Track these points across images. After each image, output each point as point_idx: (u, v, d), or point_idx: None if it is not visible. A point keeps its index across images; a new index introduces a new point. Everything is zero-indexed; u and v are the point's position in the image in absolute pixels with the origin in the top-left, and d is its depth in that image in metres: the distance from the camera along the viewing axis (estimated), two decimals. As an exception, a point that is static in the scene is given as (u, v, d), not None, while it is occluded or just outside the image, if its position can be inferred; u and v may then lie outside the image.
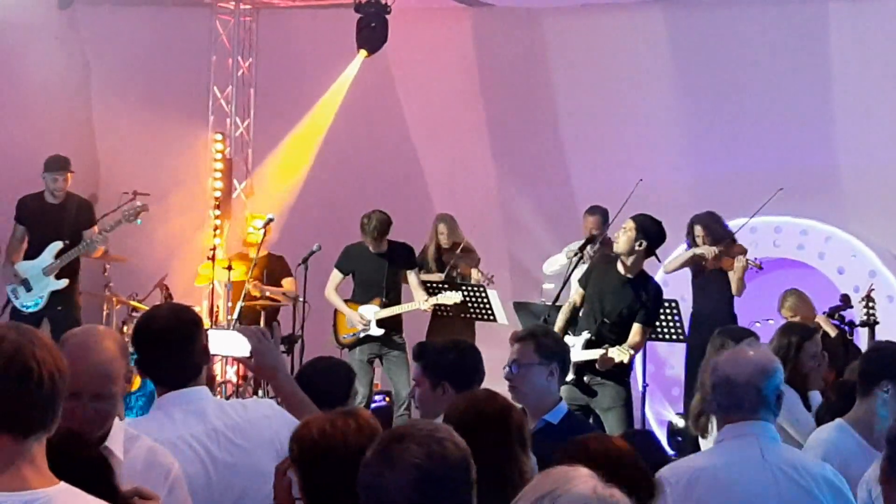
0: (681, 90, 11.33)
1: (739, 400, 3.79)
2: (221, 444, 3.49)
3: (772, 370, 3.84)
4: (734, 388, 3.79)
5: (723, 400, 3.84)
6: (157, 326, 3.55)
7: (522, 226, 11.65)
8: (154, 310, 3.86)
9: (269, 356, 3.58)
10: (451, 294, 9.23)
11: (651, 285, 7.42)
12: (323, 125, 12.17)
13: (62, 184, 9.33)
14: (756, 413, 3.80)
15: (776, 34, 11.00)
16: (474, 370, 4.47)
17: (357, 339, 9.34)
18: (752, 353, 3.91)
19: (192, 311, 3.69)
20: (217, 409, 3.55)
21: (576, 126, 11.88)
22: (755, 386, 3.78)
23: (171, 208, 11.44)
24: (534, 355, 4.65)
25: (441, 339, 5.29)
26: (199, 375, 3.56)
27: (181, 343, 3.51)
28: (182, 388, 3.51)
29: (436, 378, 4.35)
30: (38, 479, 2.25)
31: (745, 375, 3.79)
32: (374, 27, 11.29)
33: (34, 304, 9.28)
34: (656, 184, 11.08)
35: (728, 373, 3.82)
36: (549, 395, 4.65)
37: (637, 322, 7.29)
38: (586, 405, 7.39)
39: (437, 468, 2.35)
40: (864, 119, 10.71)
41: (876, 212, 10.65)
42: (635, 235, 7.23)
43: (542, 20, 11.99)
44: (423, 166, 12.36)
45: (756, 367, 3.81)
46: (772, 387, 3.81)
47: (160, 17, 12.11)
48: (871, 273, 10.45)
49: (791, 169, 10.80)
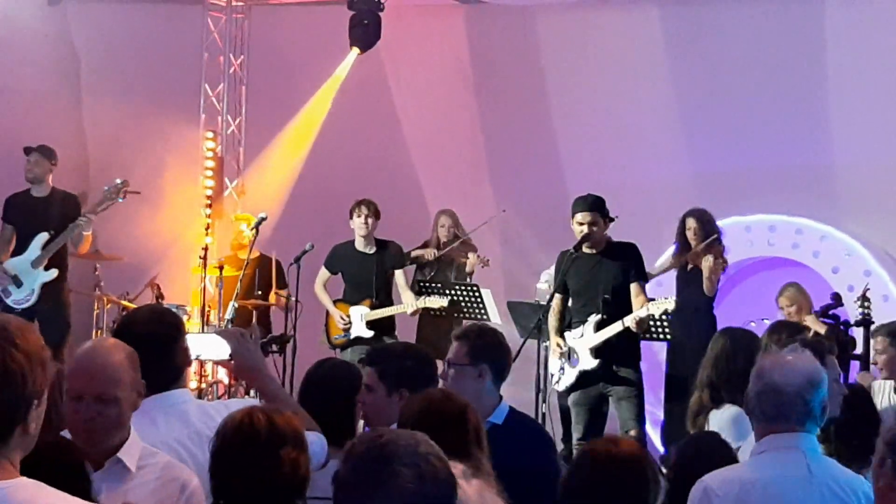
0: (675, 88, 11.28)
1: (787, 411, 3.66)
2: (205, 448, 3.42)
3: (819, 381, 3.71)
4: (782, 397, 3.65)
5: (769, 409, 3.69)
6: (138, 329, 3.51)
7: (515, 224, 11.58)
8: (134, 312, 3.82)
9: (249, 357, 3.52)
10: (437, 298, 9.19)
11: (624, 247, 7.64)
12: (315, 123, 12.11)
13: (34, 167, 9.24)
14: (802, 425, 3.67)
15: (771, 32, 10.96)
16: (431, 378, 4.37)
17: (348, 339, 9.28)
18: (800, 362, 3.76)
19: (172, 314, 3.66)
20: (199, 411, 3.50)
21: (569, 123, 11.83)
22: (803, 397, 3.65)
23: (162, 207, 11.36)
24: (464, 357, 4.56)
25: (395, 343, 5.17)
26: (179, 378, 3.51)
27: (161, 346, 3.47)
28: (163, 391, 3.44)
29: (393, 385, 4.25)
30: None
31: (795, 386, 3.65)
32: (366, 24, 11.25)
33: (26, 298, 9.20)
34: (650, 181, 11.06)
35: (776, 381, 3.67)
36: (486, 397, 4.51)
37: (632, 283, 7.49)
38: (600, 394, 7.46)
39: (430, 489, 2.29)
40: (858, 118, 10.66)
41: (871, 211, 10.61)
42: (591, 226, 7.43)
43: (535, 17, 11.94)
44: (416, 164, 12.30)
45: (805, 377, 3.67)
46: (819, 398, 3.69)
47: (151, 13, 12.04)
48: (865, 272, 10.41)
49: (786, 167, 10.78)
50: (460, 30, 12.15)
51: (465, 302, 9.44)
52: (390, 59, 11.94)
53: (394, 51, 11.78)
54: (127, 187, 9.24)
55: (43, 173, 9.27)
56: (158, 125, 11.49)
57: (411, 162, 12.30)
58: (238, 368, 3.57)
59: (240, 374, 3.81)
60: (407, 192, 11.98)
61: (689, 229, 9.17)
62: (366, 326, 9.23)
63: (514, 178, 11.90)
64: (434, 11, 12.14)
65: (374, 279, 9.27)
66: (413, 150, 12.32)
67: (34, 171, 9.26)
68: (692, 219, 9.17)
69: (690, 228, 9.15)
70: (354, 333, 9.28)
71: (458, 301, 9.37)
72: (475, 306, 9.45)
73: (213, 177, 12.10)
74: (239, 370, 3.60)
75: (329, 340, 9.46)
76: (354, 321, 9.27)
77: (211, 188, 12.04)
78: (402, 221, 10.35)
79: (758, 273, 10.93)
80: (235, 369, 3.60)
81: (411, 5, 11.80)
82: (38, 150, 9.29)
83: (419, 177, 12.30)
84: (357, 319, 9.26)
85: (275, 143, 12.26)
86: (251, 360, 3.54)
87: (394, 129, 12.19)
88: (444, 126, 12.17)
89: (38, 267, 9.16)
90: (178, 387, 3.50)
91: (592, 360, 7.47)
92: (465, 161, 12.14)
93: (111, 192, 9.20)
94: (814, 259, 10.75)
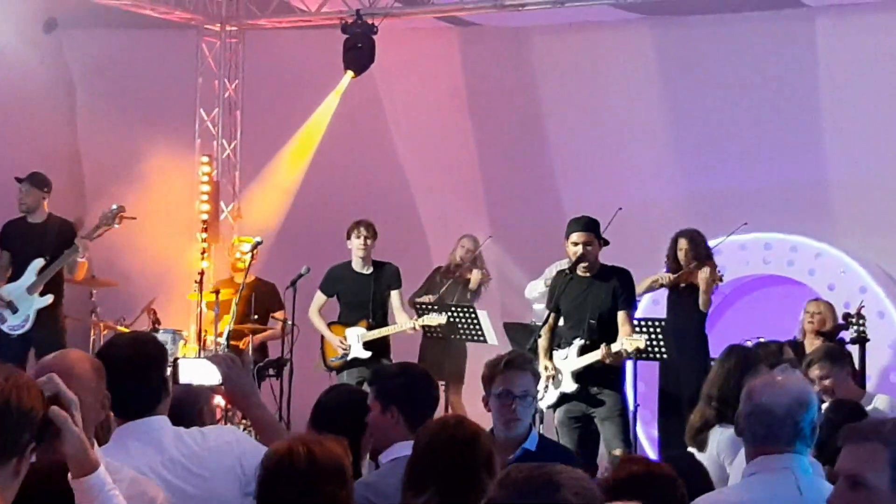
0: (669, 107, 11.32)
1: (777, 431, 3.63)
2: (179, 474, 3.42)
3: (809, 401, 3.69)
4: (772, 418, 3.63)
5: (759, 430, 3.66)
6: (115, 355, 3.50)
7: (512, 245, 11.60)
8: (115, 338, 3.83)
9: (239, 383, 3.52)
10: (435, 316, 9.20)
11: (615, 272, 7.60)
12: (310, 146, 12.13)
13: (25, 197, 9.25)
14: (792, 446, 3.64)
15: (763, 51, 10.99)
16: (424, 396, 4.36)
17: (344, 362, 9.27)
18: (789, 383, 3.77)
19: (155, 343, 3.64)
20: (175, 438, 3.48)
21: (564, 144, 11.87)
22: (793, 418, 3.63)
23: (158, 232, 11.38)
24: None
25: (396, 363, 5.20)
26: (157, 406, 3.49)
27: (138, 373, 3.45)
28: (139, 418, 3.44)
29: (385, 402, 4.25)
30: None
31: (784, 406, 3.63)
32: (360, 48, 11.28)
33: (21, 324, 9.20)
34: (645, 201, 11.07)
35: (766, 402, 3.65)
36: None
37: (620, 311, 7.49)
38: (584, 415, 7.47)
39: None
40: (852, 135, 10.69)
41: (866, 228, 10.62)
42: (585, 246, 7.43)
43: (529, 39, 11.98)
44: (411, 186, 12.33)
45: (795, 397, 3.66)
46: (809, 419, 3.66)
47: (145, 39, 12.08)
48: (861, 289, 10.41)
49: (780, 185, 10.80)
50: (454, 52, 12.19)
51: (461, 323, 9.44)
52: (385, 81, 11.97)
53: (388, 73, 11.82)
54: (123, 213, 9.24)
55: (35, 202, 9.28)
56: (154, 150, 11.51)
57: (407, 184, 12.32)
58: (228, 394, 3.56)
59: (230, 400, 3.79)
60: (402, 213, 11.99)
61: (680, 249, 9.15)
62: (363, 347, 9.22)
63: (509, 198, 11.91)
64: (428, 34, 12.18)
65: (372, 300, 9.27)
66: (408, 172, 12.34)
67: (26, 202, 9.28)
68: (684, 239, 9.16)
69: (682, 249, 9.13)
70: (352, 354, 9.27)
71: (454, 322, 9.37)
72: (472, 328, 9.46)
73: (209, 201, 12.11)
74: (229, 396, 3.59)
75: (325, 363, 9.44)
76: (351, 343, 9.27)
77: (206, 212, 12.05)
78: (398, 243, 10.36)
79: (753, 291, 10.93)
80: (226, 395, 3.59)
81: (405, 28, 11.84)
82: (29, 179, 9.29)
83: (414, 199, 12.32)
84: (354, 341, 9.25)
85: (270, 167, 12.28)
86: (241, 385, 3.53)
87: (389, 152, 12.21)
88: (438, 147, 12.20)
89: (34, 293, 9.16)
90: (155, 414, 3.49)
91: (573, 383, 7.50)
92: (459, 182, 12.16)
93: (107, 219, 9.21)
94: (809, 276, 10.75)
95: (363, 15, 11.26)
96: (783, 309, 9.72)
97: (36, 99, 11.23)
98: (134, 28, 11.96)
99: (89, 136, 11.97)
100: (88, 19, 11.61)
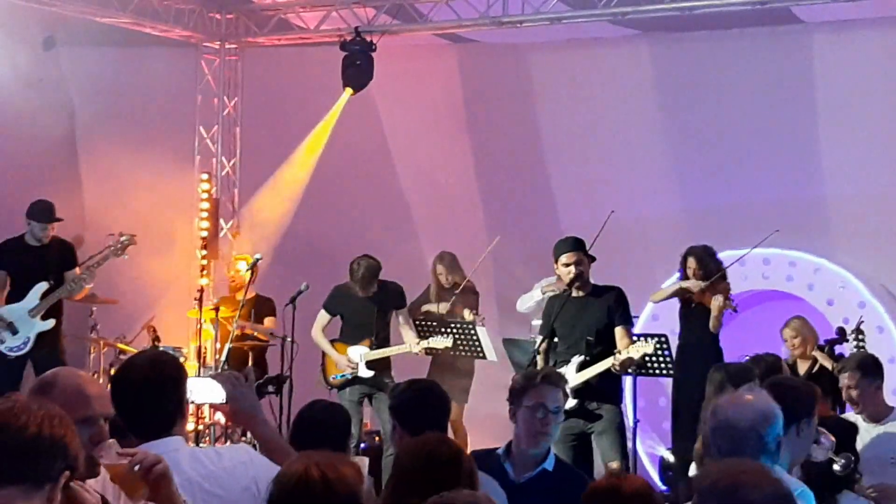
0: (666, 123, 11.34)
1: (741, 445, 3.66)
2: (197, 496, 3.41)
3: (773, 417, 3.73)
4: (736, 433, 3.67)
5: (723, 445, 3.70)
6: (134, 376, 3.50)
7: (510, 261, 11.60)
8: (135, 358, 3.79)
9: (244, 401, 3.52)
10: (440, 339, 9.23)
11: (609, 290, 7.67)
12: (309, 163, 12.15)
13: (50, 231, 9.32)
14: (757, 460, 3.63)
15: (760, 66, 11.02)
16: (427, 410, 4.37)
17: (346, 380, 9.28)
18: (753, 398, 3.80)
19: (172, 363, 3.61)
20: (191, 459, 3.48)
21: (562, 161, 11.89)
22: (757, 431, 3.67)
23: (157, 249, 11.38)
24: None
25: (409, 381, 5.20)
26: (174, 426, 3.49)
27: (156, 394, 3.45)
28: (156, 439, 3.45)
29: (393, 418, 4.32)
30: None
31: (748, 420, 3.67)
32: (359, 65, 11.31)
33: (20, 346, 9.20)
34: (643, 216, 11.09)
35: (729, 417, 3.70)
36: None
37: (617, 326, 7.56)
38: (581, 432, 7.50)
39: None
40: (850, 150, 10.71)
41: (864, 243, 10.64)
42: (577, 266, 7.51)
43: (527, 56, 12.01)
44: (411, 203, 12.34)
45: (758, 412, 3.70)
46: (773, 433, 3.71)
47: (145, 57, 12.10)
48: (860, 304, 10.42)
49: (778, 201, 10.81)
50: (452, 68, 12.22)
51: (461, 340, 9.46)
52: (383, 98, 11.99)
53: (386, 90, 11.84)
54: (133, 243, 9.32)
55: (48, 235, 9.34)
56: (153, 167, 11.53)
57: (405, 199, 12.34)
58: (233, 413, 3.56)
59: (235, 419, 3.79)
60: (401, 228, 12.02)
61: (689, 268, 9.11)
62: (365, 366, 9.24)
63: (508, 214, 11.93)
64: (426, 51, 12.21)
65: (375, 320, 9.28)
66: (407, 188, 12.36)
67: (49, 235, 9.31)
68: (692, 258, 9.11)
69: (690, 268, 9.09)
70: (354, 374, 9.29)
71: (454, 339, 9.38)
72: (471, 344, 9.47)
73: (209, 218, 12.13)
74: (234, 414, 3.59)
75: (326, 381, 9.44)
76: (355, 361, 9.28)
77: (206, 229, 12.07)
78: (397, 258, 10.37)
79: (753, 307, 10.93)
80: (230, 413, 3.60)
81: (403, 45, 11.87)
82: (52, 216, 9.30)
83: (413, 214, 12.34)
84: (357, 359, 9.27)
85: (269, 184, 12.29)
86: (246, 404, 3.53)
87: (388, 169, 12.23)
88: (437, 163, 12.21)
89: (36, 316, 9.18)
90: (172, 434, 3.49)
91: (571, 399, 7.49)
92: (458, 197, 12.17)
93: (117, 250, 9.30)
94: (808, 292, 10.76)
95: (361, 32, 11.30)
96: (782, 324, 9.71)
97: (35, 116, 11.23)
98: (133, 46, 11.98)
99: (89, 153, 11.97)
100: (87, 37, 11.63)
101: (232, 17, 12.32)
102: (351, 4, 11.46)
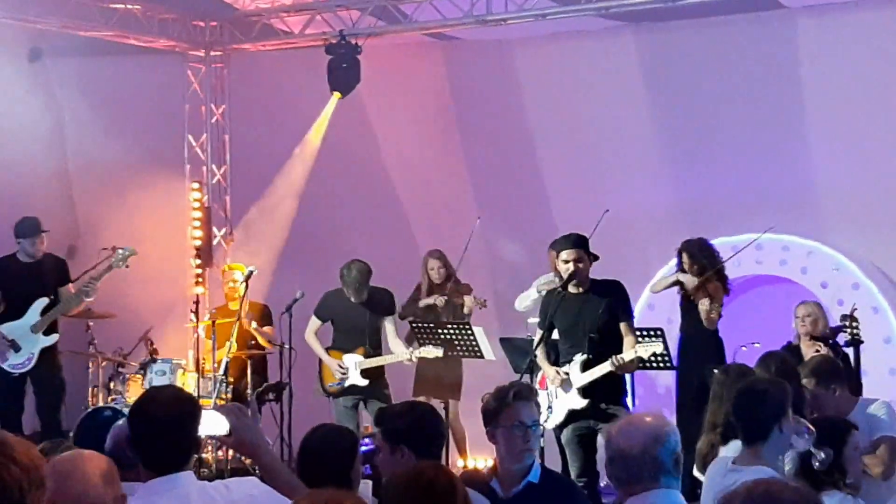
0: (654, 114, 11.36)
1: (636, 471, 3.64)
2: None
3: (664, 435, 3.69)
4: (629, 460, 3.64)
5: (621, 473, 3.69)
6: (155, 411, 3.53)
7: (505, 260, 11.65)
8: (156, 392, 3.84)
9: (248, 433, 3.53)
10: (432, 349, 9.21)
11: (608, 285, 7.60)
12: (301, 169, 12.13)
13: (40, 246, 9.32)
14: (656, 482, 3.65)
15: (746, 53, 11.04)
16: (433, 433, 4.38)
17: (342, 387, 9.32)
18: (642, 422, 3.78)
19: (190, 401, 3.67)
20: (201, 493, 3.50)
21: (552, 154, 11.91)
22: (650, 454, 3.64)
23: (151, 259, 11.36)
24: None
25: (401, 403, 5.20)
26: (186, 463, 3.53)
27: (175, 431, 3.49)
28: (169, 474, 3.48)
29: (394, 442, 4.27)
30: None
31: (639, 446, 3.64)
32: (346, 67, 11.29)
33: (24, 363, 9.23)
34: (633, 206, 11.12)
35: (621, 446, 3.67)
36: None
37: (621, 323, 7.51)
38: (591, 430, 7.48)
39: None
40: (837, 134, 10.74)
41: (856, 225, 10.68)
42: (576, 263, 7.44)
43: (513, 51, 12.01)
44: (404, 204, 12.36)
45: (648, 435, 3.67)
46: (667, 452, 3.67)
47: (131, 66, 12.06)
48: (854, 286, 10.47)
49: (769, 186, 10.84)
50: (439, 66, 12.22)
51: (458, 340, 9.46)
52: (371, 99, 11.99)
53: (374, 91, 11.83)
54: (134, 253, 9.34)
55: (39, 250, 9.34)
56: (143, 177, 11.52)
57: (398, 199, 12.35)
58: (238, 444, 3.58)
59: (239, 450, 3.81)
60: (394, 228, 12.03)
61: (684, 262, 9.17)
62: (360, 375, 9.27)
63: (500, 210, 11.94)
64: (412, 50, 12.21)
65: (366, 327, 9.30)
66: (399, 188, 12.37)
67: (41, 249, 9.32)
68: (685, 254, 9.16)
69: (685, 263, 9.15)
70: (350, 381, 9.32)
71: (451, 339, 9.39)
72: (468, 345, 9.48)
73: (201, 227, 12.13)
74: (239, 445, 3.61)
75: (323, 388, 9.48)
76: (349, 369, 9.31)
77: (199, 238, 12.07)
78: (391, 258, 10.40)
79: (747, 292, 10.98)
80: (235, 445, 3.61)
81: (389, 45, 11.87)
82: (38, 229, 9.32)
83: (406, 213, 12.35)
84: (352, 367, 9.30)
85: (261, 192, 12.26)
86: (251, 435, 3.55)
87: (379, 171, 12.24)
88: (428, 162, 12.22)
89: (38, 332, 9.20)
90: (184, 470, 3.52)
91: (581, 399, 7.49)
92: (450, 195, 12.18)
93: (119, 262, 9.33)
94: (802, 275, 10.80)
95: (346, 35, 11.29)
96: (777, 309, 9.74)
97: (24, 128, 11.20)
98: (119, 55, 11.96)
99: (78, 165, 11.94)
100: (73, 48, 11.60)
101: (216, 25, 12.31)
102: (335, 8, 11.46)
